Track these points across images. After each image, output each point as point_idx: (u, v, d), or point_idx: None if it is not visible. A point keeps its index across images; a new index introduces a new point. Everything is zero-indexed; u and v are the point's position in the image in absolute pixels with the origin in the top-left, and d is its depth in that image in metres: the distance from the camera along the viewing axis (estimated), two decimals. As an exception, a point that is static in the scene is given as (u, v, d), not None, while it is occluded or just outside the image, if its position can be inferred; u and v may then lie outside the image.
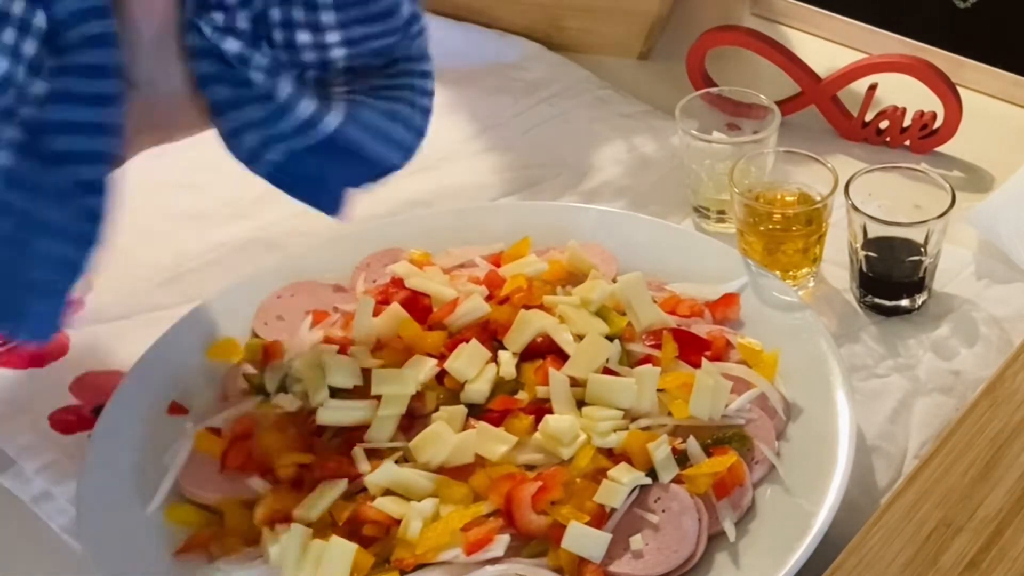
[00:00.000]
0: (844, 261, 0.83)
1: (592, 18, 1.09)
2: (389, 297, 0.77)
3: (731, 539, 0.65)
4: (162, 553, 0.67)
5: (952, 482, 0.66)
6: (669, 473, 0.67)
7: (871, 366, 0.78)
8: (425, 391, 0.71)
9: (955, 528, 0.64)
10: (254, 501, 0.68)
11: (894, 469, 0.72)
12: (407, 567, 0.64)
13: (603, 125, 1.01)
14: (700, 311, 0.77)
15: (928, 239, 0.77)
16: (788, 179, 0.83)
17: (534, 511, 0.65)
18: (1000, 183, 0.91)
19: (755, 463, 0.68)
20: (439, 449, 0.68)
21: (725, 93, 0.90)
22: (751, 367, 0.72)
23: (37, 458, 0.75)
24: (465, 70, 1.08)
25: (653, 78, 1.07)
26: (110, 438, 0.72)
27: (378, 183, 0.70)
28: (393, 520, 0.65)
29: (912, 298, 0.81)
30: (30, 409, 0.78)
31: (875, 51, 1.01)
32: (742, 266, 0.80)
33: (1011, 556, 0.62)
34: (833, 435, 0.68)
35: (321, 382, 0.72)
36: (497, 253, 0.82)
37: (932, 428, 0.74)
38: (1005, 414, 0.70)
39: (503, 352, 0.73)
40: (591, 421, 0.69)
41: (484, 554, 0.64)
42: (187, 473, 0.70)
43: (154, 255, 0.90)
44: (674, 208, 0.91)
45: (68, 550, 0.70)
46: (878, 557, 0.63)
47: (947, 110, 0.93)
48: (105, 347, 0.82)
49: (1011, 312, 0.81)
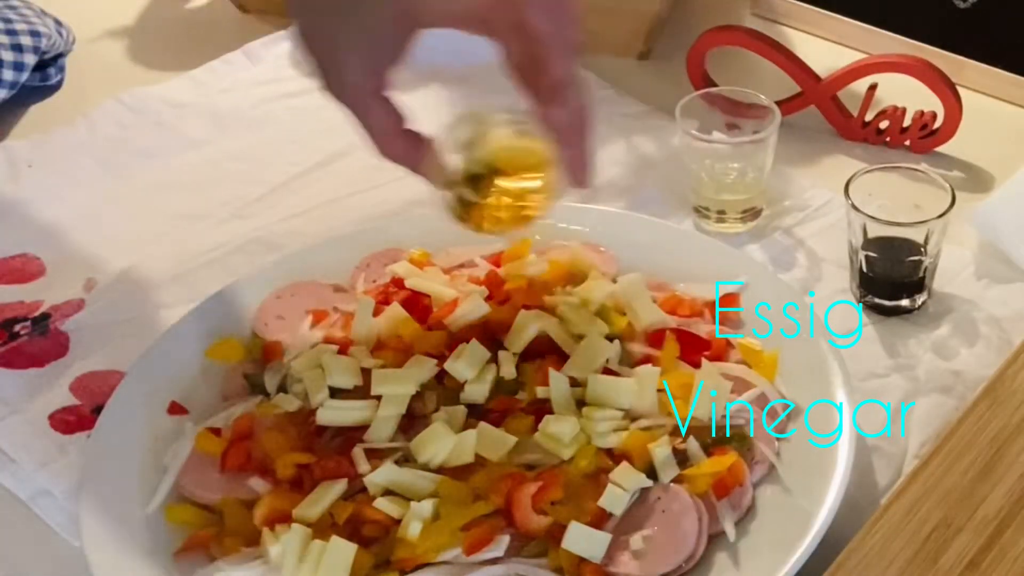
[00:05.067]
0: (844, 261, 0.83)
1: (592, 18, 1.08)
2: (389, 297, 0.77)
3: (731, 539, 0.65)
4: (162, 553, 0.67)
5: (952, 482, 0.66)
6: (669, 473, 0.67)
7: (871, 366, 0.78)
8: (425, 391, 0.71)
9: (955, 528, 0.64)
10: (254, 501, 0.68)
11: (894, 469, 0.72)
12: (407, 567, 0.64)
13: (603, 125, 1.00)
14: (700, 311, 0.77)
15: (928, 239, 0.77)
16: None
17: (534, 511, 0.65)
18: (1000, 183, 0.91)
19: (755, 463, 0.68)
20: (439, 449, 0.68)
21: (725, 93, 0.90)
22: (751, 367, 0.72)
23: (37, 457, 0.75)
24: (465, 70, 1.07)
25: (653, 78, 1.07)
26: (110, 438, 0.72)
27: None
28: (393, 520, 0.65)
29: (912, 298, 0.81)
30: (30, 409, 0.78)
31: (875, 51, 1.01)
32: (742, 266, 0.80)
33: (1011, 556, 0.62)
34: (833, 435, 0.68)
35: (321, 382, 0.72)
36: (497, 253, 0.82)
37: (932, 428, 0.74)
38: (1005, 414, 0.70)
39: (503, 352, 0.73)
40: (591, 421, 0.69)
41: (484, 554, 0.64)
42: (187, 473, 0.70)
43: (154, 255, 0.90)
44: (674, 208, 0.91)
45: (68, 550, 0.70)
46: (878, 557, 0.63)
47: (947, 110, 0.93)
48: (105, 347, 0.82)
49: (1011, 312, 0.81)
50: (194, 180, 0.97)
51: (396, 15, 0.61)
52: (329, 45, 0.62)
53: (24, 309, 0.86)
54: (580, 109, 0.65)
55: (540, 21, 0.63)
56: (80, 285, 0.88)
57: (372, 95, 0.63)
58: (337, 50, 0.62)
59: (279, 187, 0.96)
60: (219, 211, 0.94)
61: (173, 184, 0.96)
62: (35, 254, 0.91)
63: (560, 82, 0.64)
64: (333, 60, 0.62)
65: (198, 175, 0.97)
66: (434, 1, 0.61)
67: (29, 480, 0.74)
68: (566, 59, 0.64)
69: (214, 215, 0.94)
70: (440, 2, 0.62)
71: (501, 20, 0.63)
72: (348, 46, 0.61)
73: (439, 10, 0.62)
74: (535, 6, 0.63)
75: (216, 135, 1.02)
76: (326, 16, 0.62)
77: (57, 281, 0.89)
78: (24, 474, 0.74)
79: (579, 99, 0.65)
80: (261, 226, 0.92)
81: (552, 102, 0.65)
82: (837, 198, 0.88)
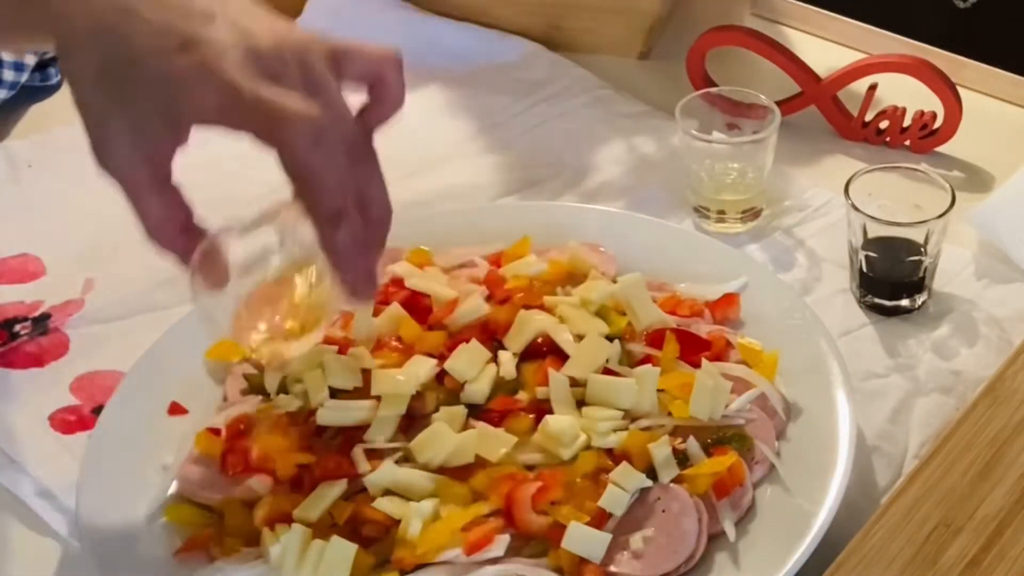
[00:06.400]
0: (844, 261, 0.83)
1: (592, 18, 1.09)
2: (389, 297, 0.77)
3: (731, 539, 0.65)
4: (162, 553, 0.67)
5: (952, 482, 0.66)
6: (669, 473, 0.67)
7: (871, 366, 0.78)
8: (425, 391, 0.71)
9: (955, 528, 0.64)
10: (254, 501, 0.68)
11: (894, 469, 0.72)
12: (407, 567, 0.64)
13: (603, 125, 1.01)
14: (700, 311, 0.77)
15: (928, 239, 0.77)
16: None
17: (534, 511, 0.65)
18: (1000, 183, 0.91)
19: (755, 463, 0.68)
20: (439, 449, 0.68)
21: (725, 93, 0.90)
22: (751, 367, 0.72)
23: (37, 457, 0.75)
24: (465, 70, 1.08)
25: (653, 78, 1.07)
26: (110, 438, 0.72)
27: None
28: (393, 520, 0.65)
29: (912, 298, 0.81)
30: (30, 409, 0.78)
31: (875, 51, 1.01)
32: (742, 266, 0.80)
33: (1011, 556, 0.62)
34: (833, 435, 0.68)
35: (321, 382, 0.72)
36: (497, 253, 0.82)
37: (932, 428, 0.74)
38: (1005, 414, 0.70)
39: (503, 352, 0.73)
40: (591, 421, 0.69)
41: (484, 554, 0.64)
42: (187, 473, 0.70)
43: (154, 255, 0.90)
44: (674, 208, 0.91)
45: (68, 550, 0.70)
46: (878, 557, 0.63)
47: (947, 110, 0.93)
48: (105, 347, 0.82)
49: (1011, 312, 0.81)
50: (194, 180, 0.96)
51: (160, 108, 0.57)
52: (99, 121, 0.58)
53: (24, 309, 0.86)
54: (371, 225, 0.60)
55: (305, 154, 0.57)
56: (80, 285, 0.88)
57: (146, 184, 0.59)
58: (108, 129, 0.58)
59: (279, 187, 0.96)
60: (219, 211, 0.94)
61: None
62: (35, 254, 0.91)
63: (333, 214, 0.58)
64: (103, 138, 0.58)
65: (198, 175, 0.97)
66: (195, 97, 0.56)
67: (29, 480, 0.74)
68: (335, 195, 0.58)
69: (214, 215, 0.93)
70: (199, 99, 0.56)
71: (266, 135, 0.57)
72: (117, 129, 0.57)
73: (199, 106, 0.57)
74: (302, 136, 0.56)
75: (216, 135, 1.01)
76: (98, 92, 0.58)
77: (57, 281, 0.89)
78: (24, 474, 0.74)
79: (360, 220, 0.60)
80: (261, 226, 0.92)
81: (328, 225, 0.59)
82: (837, 198, 0.88)
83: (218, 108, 0.56)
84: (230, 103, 0.56)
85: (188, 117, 0.57)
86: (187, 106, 0.56)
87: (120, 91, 0.57)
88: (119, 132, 0.57)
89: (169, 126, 0.57)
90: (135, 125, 0.57)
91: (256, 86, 0.56)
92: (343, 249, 0.60)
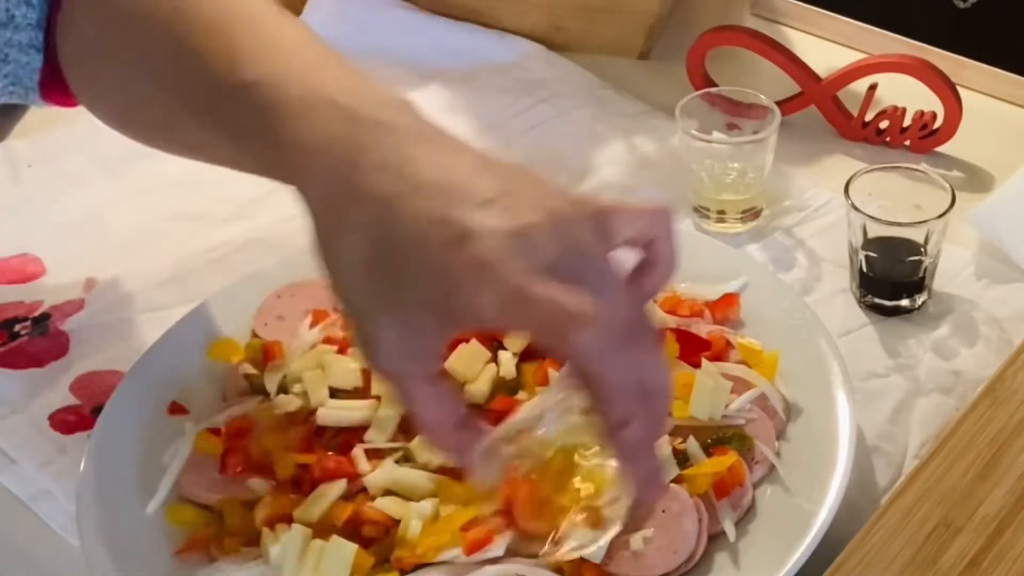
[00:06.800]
0: (844, 261, 0.83)
1: (592, 18, 1.09)
2: (389, 297, 0.77)
3: (731, 539, 0.65)
4: (162, 553, 0.67)
5: (952, 482, 0.66)
6: (669, 473, 0.66)
7: (871, 366, 0.78)
8: (425, 391, 0.71)
9: (955, 528, 0.64)
10: (254, 501, 0.68)
11: (894, 469, 0.72)
12: (407, 567, 0.64)
13: (603, 125, 1.01)
14: (700, 311, 0.77)
15: (928, 239, 0.77)
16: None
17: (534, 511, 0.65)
18: (1000, 183, 0.91)
19: (755, 463, 0.68)
20: (439, 449, 0.68)
21: (725, 93, 0.90)
22: (751, 367, 0.72)
23: (37, 457, 0.75)
24: (465, 70, 1.08)
25: (653, 78, 1.07)
26: (110, 438, 0.72)
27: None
28: (393, 520, 0.65)
29: (912, 298, 0.81)
30: (30, 409, 0.78)
31: (875, 51, 1.01)
32: (742, 266, 0.80)
33: (1011, 556, 0.62)
34: (833, 435, 0.68)
35: (321, 382, 0.72)
36: (497, 253, 0.82)
37: (932, 428, 0.74)
38: (1005, 414, 0.70)
39: (503, 352, 0.73)
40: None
41: (484, 554, 0.63)
42: (187, 473, 0.70)
43: (154, 255, 0.90)
44: (674, 208, 0.91)
45: (68, 549, 0.70)
46: (878, 557, 0.63)
47: (947, 110, 0.93)
48: (105, 347, 0.82)
49: (1011, 312, 0.81)
50: (194, 180, 0.96)
51: (434, 307, 0.53)
52: (369, 316, 0.55)
53: (24, 309, 0.86)
54: (652, 418, 0.54)
55: (594, 364, 0.52)
56: (80, 285, 0.88)
57: (419, 380, 0.55)
58: (377, 325, 0.54)
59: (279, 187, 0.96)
60: (219, 211, 0.94)
61: (173, 184, 0.96)
62: (35, 254, 0.91)
63: (622, 420, 0.53)
64: (373, 334, 0.55)
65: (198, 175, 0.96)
66: (474, 299, 0.52)
67: (29, 480, 0.74)
68: (627, 402, 0.53)
69: (214, 215, 0.94)
70: (478, 300, 0.52)
71: (547, 337, 0.53)
72: (387, 324, 0.54)
73: (477, 306, 0.52)
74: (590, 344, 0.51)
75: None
76: (368, 283, 0.54)
77: (57, 281, 0.88)
78: (24, 474, 0.74)
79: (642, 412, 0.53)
80: (261, 226, 0.92)
81: (616, 428, 0.54)
82: (837, 198, 0.88)
83: (497, 309, 0.51)
84: (510, 306, 0.51)
85: (463, 317, 0.53)
86: (464, 306, 0.52)
87: (393, 285, 0.53)
88: (389, 327, 0.54)
89: (442, 324, 0.54)
90: (405, 320, 0.53)
91: (535, 285, 0.51)
92: (630, 447, 0.54)
